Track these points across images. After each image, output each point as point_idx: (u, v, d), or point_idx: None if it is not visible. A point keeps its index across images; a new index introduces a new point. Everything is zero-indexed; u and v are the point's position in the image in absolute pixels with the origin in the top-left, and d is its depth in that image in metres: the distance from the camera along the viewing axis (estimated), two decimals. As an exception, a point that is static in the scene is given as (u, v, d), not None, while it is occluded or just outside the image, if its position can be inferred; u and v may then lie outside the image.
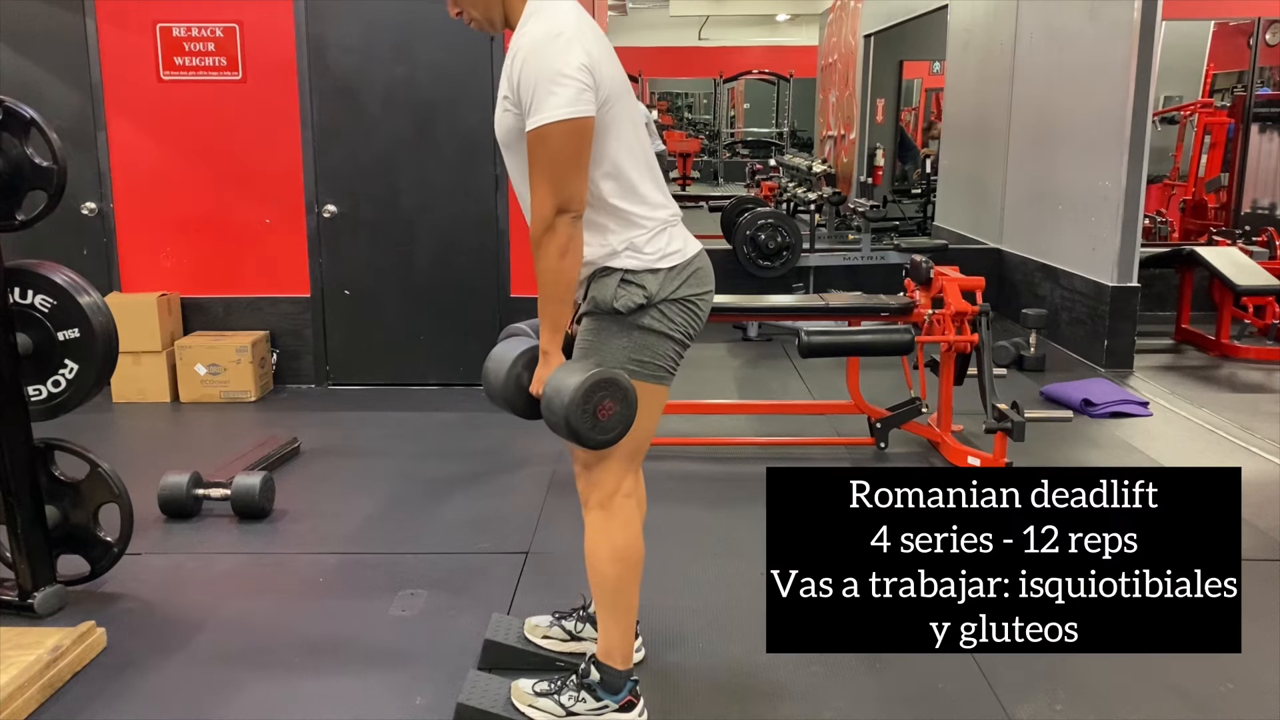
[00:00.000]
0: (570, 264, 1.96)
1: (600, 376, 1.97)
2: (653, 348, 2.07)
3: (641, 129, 2.12)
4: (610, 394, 1.97)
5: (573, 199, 1.93)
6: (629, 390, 1.99)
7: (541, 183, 1.92)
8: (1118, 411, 4.65)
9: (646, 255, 2.04)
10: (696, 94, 20.45)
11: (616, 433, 2.01)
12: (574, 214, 1.94)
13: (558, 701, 2.22)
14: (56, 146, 2.59)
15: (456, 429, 4.46)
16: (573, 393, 1.95)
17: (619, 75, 2.03)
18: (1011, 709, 2.33)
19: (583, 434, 1.98)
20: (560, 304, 2.00)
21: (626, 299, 2.03)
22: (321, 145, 4.89)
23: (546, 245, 1.94)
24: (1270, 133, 8.08)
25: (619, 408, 1.98)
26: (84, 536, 2.82)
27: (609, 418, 1.98)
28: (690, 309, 2.09)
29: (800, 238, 6.42)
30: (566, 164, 1.91)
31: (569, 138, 1.90)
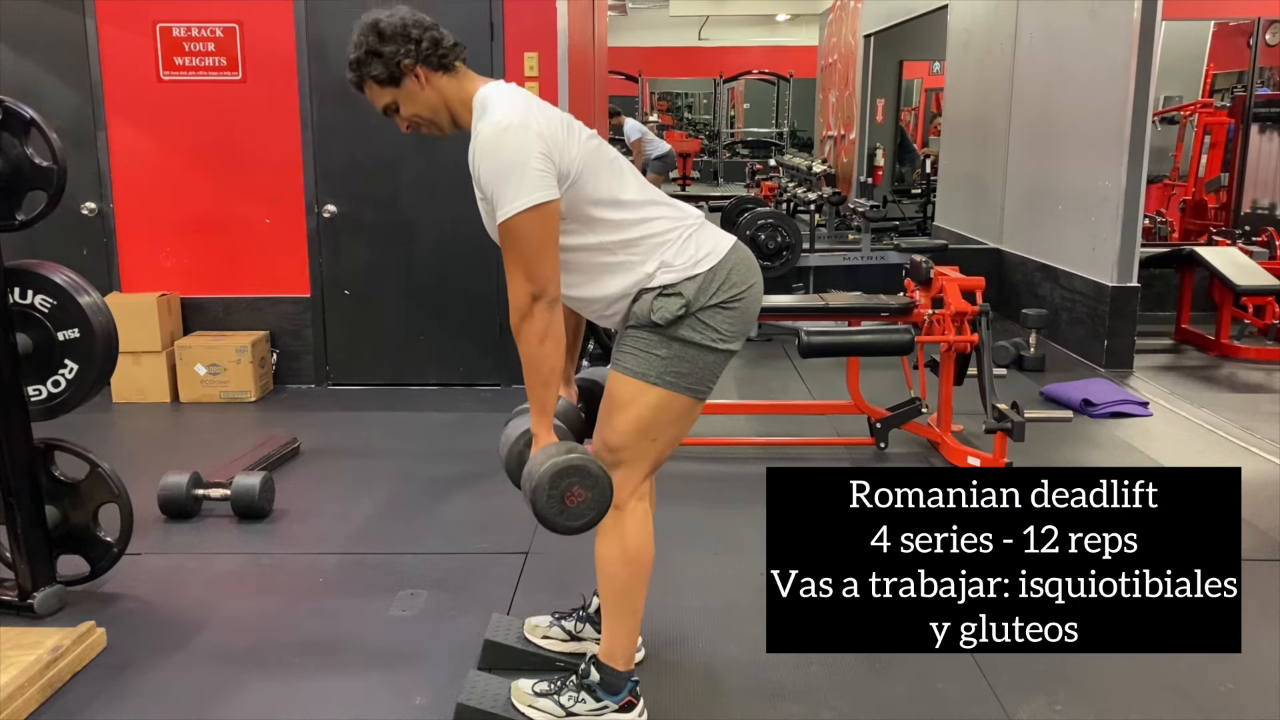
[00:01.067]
0: (551, 349, 1.99)
1: (569, 464, 1.96)
2: (692, 361, 2.07)
3: (622, 163, 2.13)
4: (580, 481, 1.97)
5: (547, 284, 1.96)
6: (600, 478, 1.99)
7: (515, 272, 1.96)
8: (1118, 411, 4.65)
9: (680, 266, 2.05)
10: (696, 94, 20.43)
11: (587, 519, 2.00)
12: (549, 299, 1.97)
13: (557, 702, 2.21)
14: (56, 146, 2.59)
15: (456, 429, 4.46)
16: (539, 478, 1.96)
17: (580, 136, 2.04)
18: (1011, 709, 2.33)
19: (550, 520, 1.98)
20: (545, 388, 2.02)
21: (663, 310, 2.03)
22: (321, 145, 4.89)
23: (526, 332, 1.97)
24: (1270, 133, 8.07)
25: (590, 495, 1.98)
26: (84, 536, 2.82)
27: (578, 504, 1.98)
28: (733, 310, 2.08)
29: (800, 238, 6.42)
30: (535, 250, 1.94)
31: (534, 225, 1.93)
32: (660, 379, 2.06)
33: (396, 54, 2.02)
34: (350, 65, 2.09)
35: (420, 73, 2.05)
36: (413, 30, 2.03)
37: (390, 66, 2.03)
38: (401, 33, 2.03)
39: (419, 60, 2.04)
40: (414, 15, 2.06)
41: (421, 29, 2.04)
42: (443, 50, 2.05)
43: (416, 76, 2.05)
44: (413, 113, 2.10)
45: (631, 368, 2.08)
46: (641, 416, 2.09)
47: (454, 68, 2.08)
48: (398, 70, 2.04)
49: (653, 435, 2.12)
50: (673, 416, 2.12)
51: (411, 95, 2.07)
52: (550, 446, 2.02)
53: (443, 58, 2.06)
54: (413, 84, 2.06)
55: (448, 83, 2.08)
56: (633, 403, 2.09)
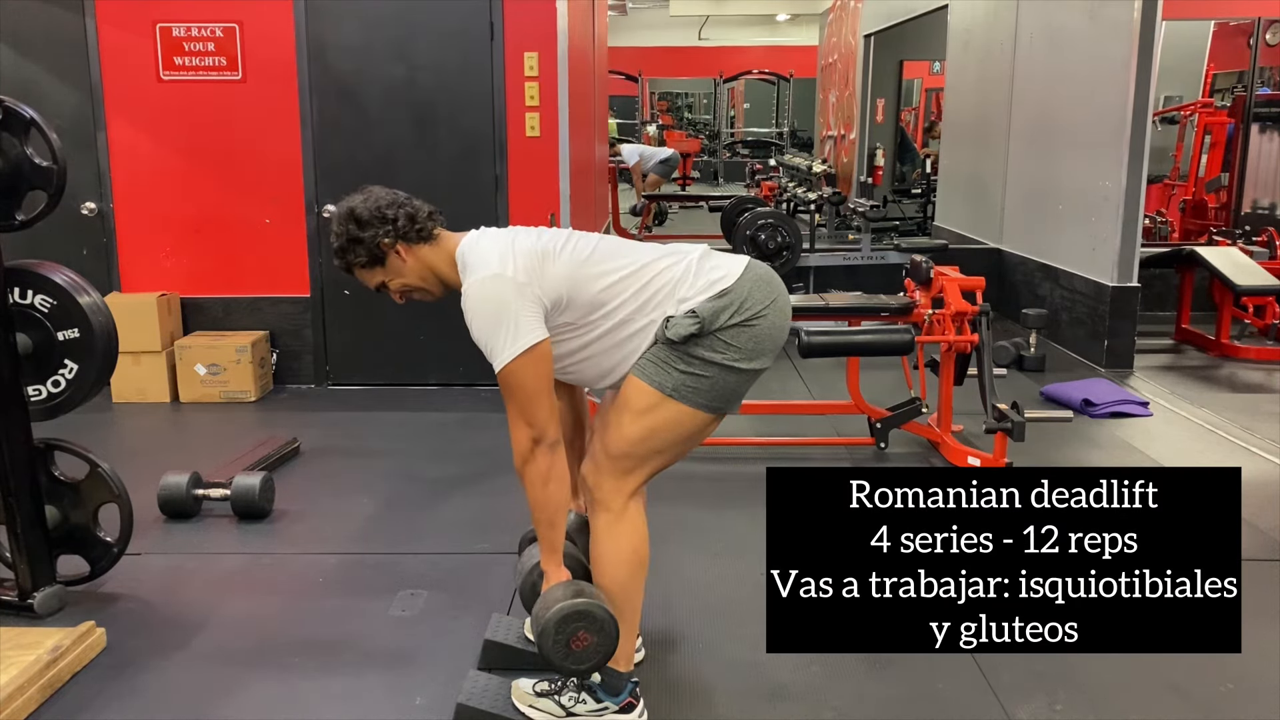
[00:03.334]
0: (555, 490, 2.04)
1: (573, 609, 1.98)
2: (712, 378, 2.07)
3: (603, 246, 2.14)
4: (586, 626, 1.99)
5: (546, 427, 2.01)
6: (607, 622, 2.02)
7: (515, 418, 2.02)
8: (1118, 411, 4.65)
9: (693, 297, 2.07)
10: (696, 94, 20.45)
11: (593, 663, 2.03)
12: (549, 443, 2.02)
13: (558, 702, 2.22)
14: (56, 146, 2.59)
15: (456, 429, 4.46)
16: (545, 623, 1.99)
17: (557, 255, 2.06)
18: (1011, 709, 2.33)
19: (555, 663, 2.02)
20: (551, 529, 2.07)
21: (677, 328, 2.04)
22: (321, 145, 4.88)
23: (530, 475, 2.03)
24: (1270, 133, 8.07)
25: (595, 639, 2.01)
26: (84, 536, 2.82)
27: (584, 648, 2.01)
28: (754, 328, 2.07)
29: (800, 238, 6.42)
30: (531, 395, 2.00)
31: (528, 368, 1.98)
32: (677, 391, 2.06)
33: (376, 236, 2.10)
34: (335, 254, 2.17)
35: (401, 249, 2.12)
36: (388, 211, 2.10)
37: (372, 249, 2.11)
38: (378, 216, 2.10)
39: (398, 238, 2.11)
40: (387, 195, 2.13)
41: (396, 208, 2.11)
42: (419, 224, 2.12)
43: (398, 253, 2.12)
44: (402, 285, 2.17)
45: (650, 376, 2.08)
46: (652, 428, 2.09)
47: (433, 236, 2.14)
48: (379, 251, 2.11)
49: (659, 449, 2.12)
50: (685, 433, 2.12)
51: (397, 270, 2.14)
52: (558, 588, 2.05)
53: (419, 231, 2.12)
54: (396, 260, 2.13)
55: (429, 251, 2.14)
56: (646, 413, 2.08)
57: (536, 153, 4.88)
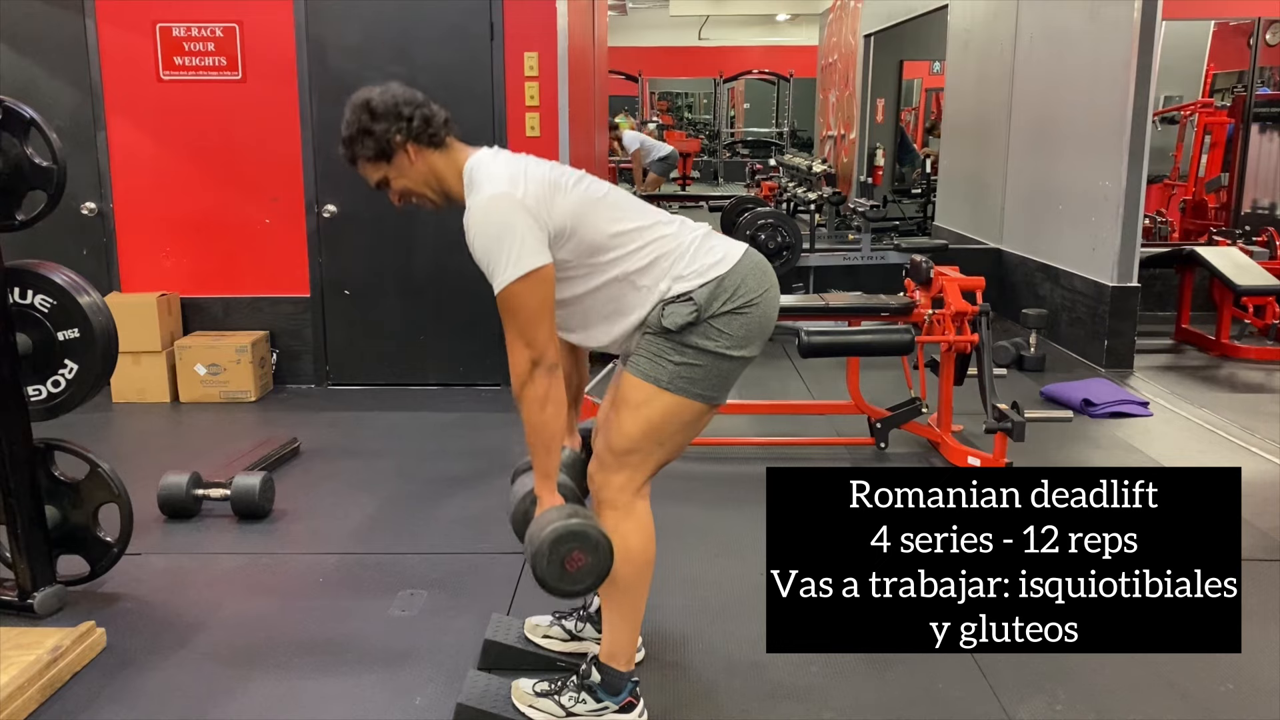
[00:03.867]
0: (552, 414, 2.01)
1: (570, 529, 1.97)
2: (705, 367, 2.07)
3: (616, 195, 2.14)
4: (580, 546, 1.98)
5: (545, 349, 1.99)
6: (601, 543, 2.01)
7: (514, 339, 1.99)
8: (1118, 411, 4.65)
9: (691, 275, 2.06)
10: (696, 94, 20.44)
11: (587, 584, 2.02)
12: (548, 364, 1.99)
13: (558, 702, 2.22)
14: (56, 146, 2.59)
15: (456, 429, 4.46)
16: (539, 543, 1.98)
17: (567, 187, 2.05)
18: (1011, 709, 2.33)
19: (550, 584, 2.00)
20: (548, 454, 2.04)
21: (674, 316, 2.04)
22: (321, 145, 4.88)
23: (527, 398, 2.00)
24: (1270, 133, 8.08)
25: (589, 560, 1.99)
26: (84, 536, 2.82)
27: (578, 570, 1.99)
28: (746, 316, 2.08)
29: (800, 238, 6.42)
30: (531, 317, 1.98)
31: (528, 292, 1.97)
32: (672, 384, 2.06)
33: (388, 132, 2.07)
34: (343, 143, 2.13)
35: (411, 149, 2.08)
36: (404, 108, 2.07)
37: (381, 144, 2.07)
38: (393, 111, 2.07)
39: (410, 137, 2.07)
40: (406, 93, 2.10)
41: (413, 107, 2.08)
42: (433, 128, 2.09)
43: (407, 153, 2.08)
44: (403, 186, 2.14)
45: (645, 370, 2.08)
46: (651, 421, 2.09)
47: (445, 143, 2.11)
48: (389, 147, 2.08)
49: (661, 440, 2.12)
50: (683, 423, 2.12)
51: (402, 170, 2.11)
52: (553, 510, 2.04)
53: (433, 135, 2.09)
54: (403, 160, 2.09)
55: (438, 158, 2.11)
56: (644, 406, 2.09)
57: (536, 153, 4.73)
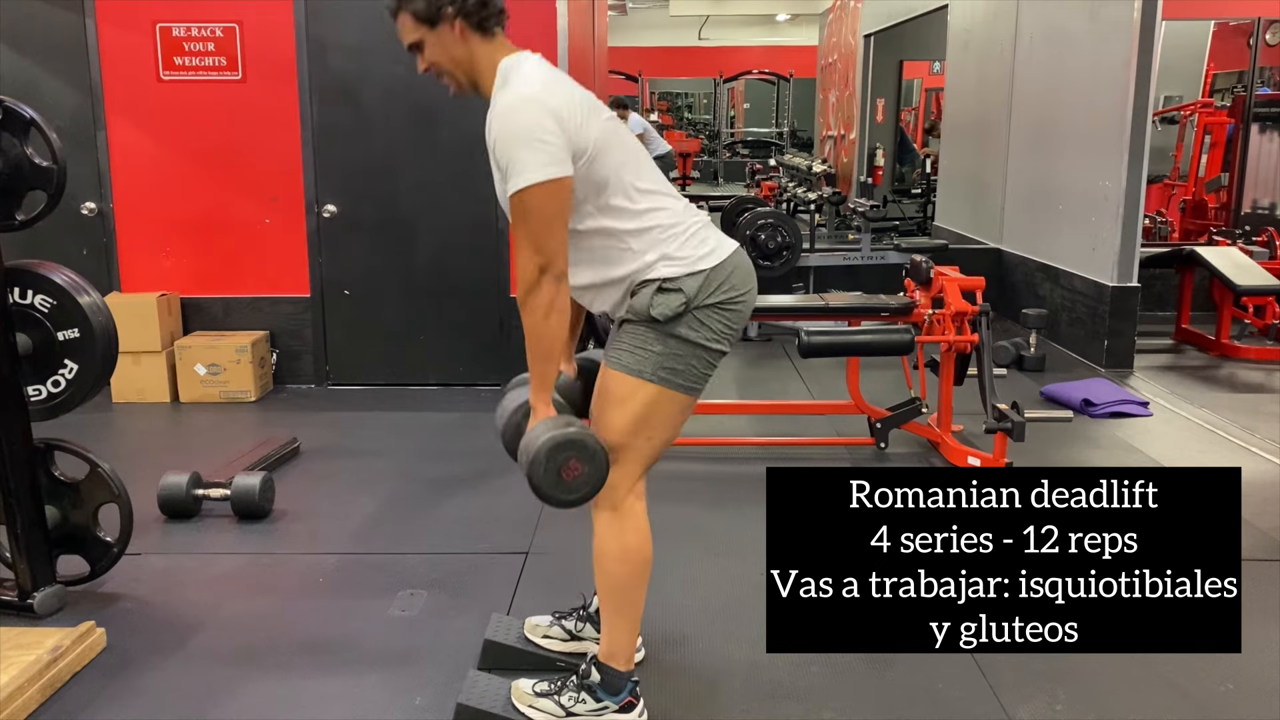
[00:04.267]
0: (556, 323, 1.99)
1: (567, 437, 1.97)
2: (685, 357, 2.07)
3: (639, 149, 2.13)
4: (577, 454, 1.97)
5: (554, 258, 1.96)
6: (597, 452, 2.00)
7: (523, 244, 1.96)
8: (1118, 411, 4.65)
9: (682, 260, 2.05)
10: (696, 94, 20.45)
11: (583, 494, 2.01)
12: (556, 273, 1.97)
13: (558, 702, 2.22)
14: (56, 146, 2.59)
15: (456, 429, 4.46)
16: (536, 451, 1.96)
17: (599, 117, 2.04)
18: (1011, 709, 2.33)
19: (545, 492, 1.99)
20: (547, 362, 2.02)
21: (663, 306, 2.04)
22: (321, 145, 4.88)
23: (531, 305, 1.98)
24: (1270, 133, 8.08)
25: (586, 469, 1.98)
26: (84, 536, 2.82)
27: (575, 478, 1.98)
28: (729, 312, 2.09)
29: (800, 238, 6.42)
30: (544, 225, 1.95)
31: (545, 200, 1.93)
32: (655, 375, 2.06)
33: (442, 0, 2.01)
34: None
35: (458, 25, 2.02)
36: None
37: (432, 7, 2.01)
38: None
39: (461, 13, 2.02)
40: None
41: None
42: (487, 13, 2.03)
43: (453, 27, 2.03)
44: (436, 59, 2.08)
45: (627, 364, 2.08)
46: (636, 413, 2.09)
47: (492, 33, 2.06)
48: (437, 14, 2.02)
49: (648, 433, 2.12)
50: (667, 414, 2.12)
51: (442, 42, 2.05)
52: (548, 420, 2.02)
53: (484, 20, 2.03)
54: (446, 32, 2.03)
55: (480, 45, 2.05)
56: (629, 399, 2.09)
57: None
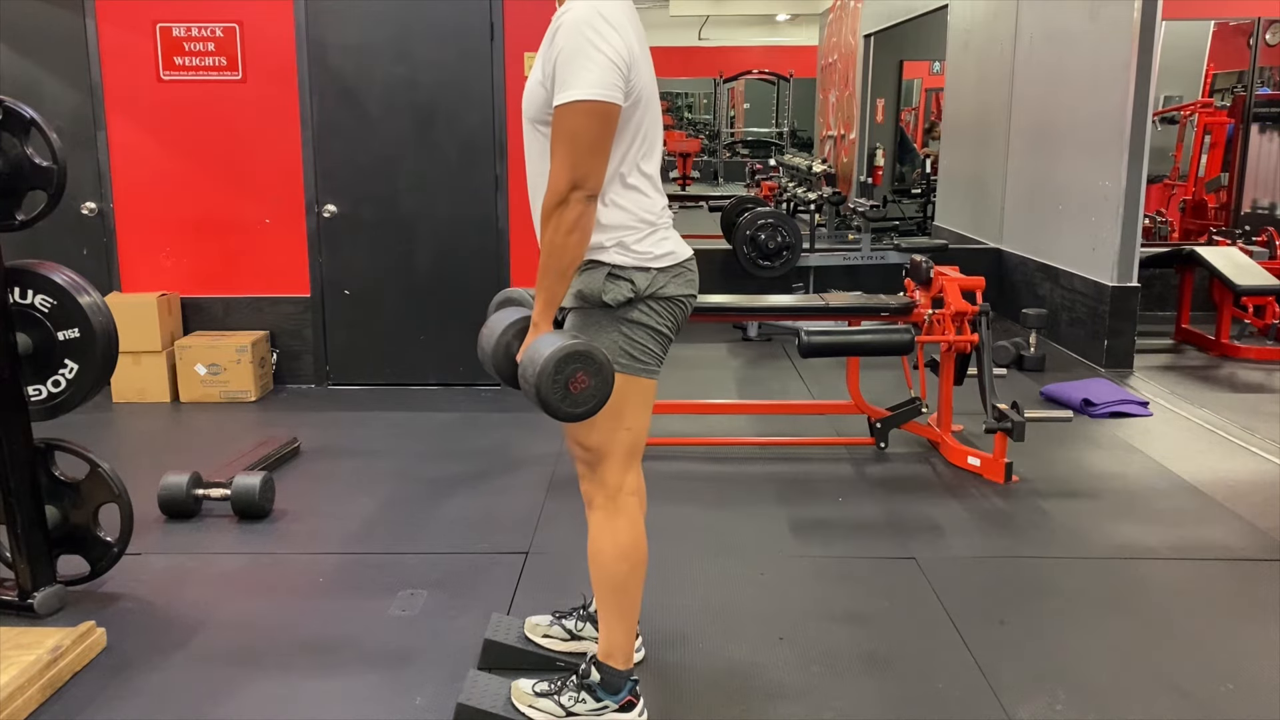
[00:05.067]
0: (576, 241, 1.96)
1: (575, 348, 1.94)
2: (642, 341, 2.08)
3: (659, 134, 2.13)
4: (584, 366, 1.95)
5: (589, 178, 1.93)
6: (604, 364, 1.97)
7: (562, 158, 1.93)
8: (1118, 411, 4.65)
9: (634, 254, 2.05)
10: (696, 94, 20.47)
11: (589, 407, 1.98)
12: (588, 193, 1.94)
13: (558, 702, 2.22)
14: (56, 146, 2.59)
15: (456, 429, 4.46)
16: (544, 362, 1.93)
17: (650, 78, 2.04)
18: (1011, 709, 2.33)
19: (553, 405, 1.95)
20: (561, 278, 1.99)
21: (615, 293, 2.03)
22: (321, 145, 4.89)
23: (558, 219, 1.94)
24: (1270, 133, 8.08)
25: (593, 382, 1.96)
26: (84, 536, 2.82)
27: (581, 391, 1.95)
28: (677, 307, 2.11)
29: (800, 238, 6.43)
30: (589, 144, 1.92)
31: (593, 118, 1.91)
32: (615, 362, 2.05)
33: None
34: None
35: None
36: None
37: None
38: None
39: None
40: None
41: None
42: None
43: None
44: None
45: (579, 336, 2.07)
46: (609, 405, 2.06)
47: None
48: None
49: (625, 424, 2.12)
50: (635, 400, 2.11)
51: None
52: (551, 334, 2.01)
53: None
54: None
55: None
56: None
57: None
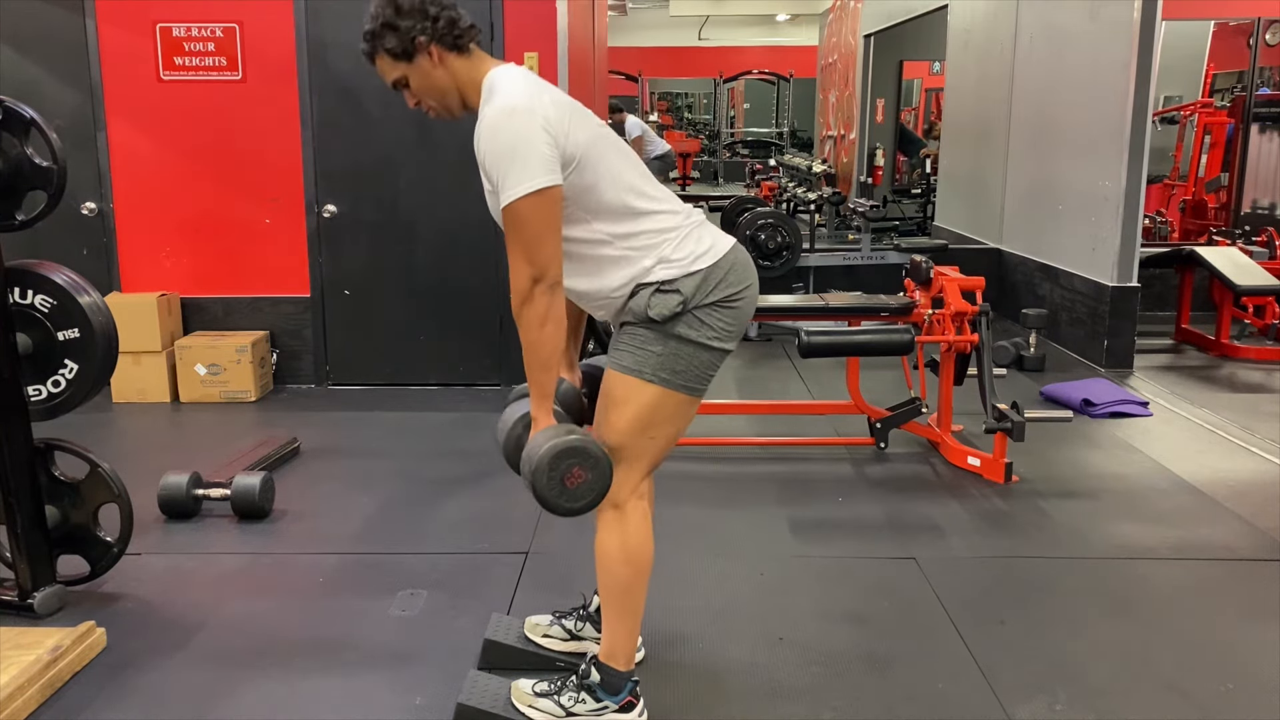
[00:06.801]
0: (551, 332, 1.99)
1: (568, 445, 1.96)
2: (687, 358, 2.07)
3: (631, 155, 2.13)
4: (579, 461, 1.97)
5: (548, 267, 1.96)
6: (600, 459, 1.99)
7: (516, 255, 1.96)
8: (1118, 411, 4.65)
9: (679, 262, 2.05)
10: (696, 94, 20.46)
11: (587, 501, 2.00)
12: (550, 282, 1.97)
13: (557, 702, 2.21)
14: (56, 146, 2.59)
15: (456, 429, 4.46)
16: (539, 459, 1.96)
17: (587, 123, 2.04)
18: (1011, 709, 2.33)
19: (550, 501, 1.98)
20: (545, 371, 2.02)
21: (661, 306, 2.03)
22: (321, 145, 4.88)
23: (527, 316, 1.97)
24: (1270, 133, 8.08)
25: (589, 475, 1.98)
26: (84, 536, 2.82)
27: (578, 485, 1.97)
28: (729, 309, 2.08)
29: (800, 238, 6.42)
30: (537, 235, 1.94)
31: (535, 208, 1.93)
32: (656, 375, 2.06)
33: (412, 29, 2.01)
34: (365, 36, 2.07)
35: (434, 51, 2.04)
36: (430, 8, 2.02)
37: (405, 41, 2.02)
38: (419, 8, 2.02)
39: (434, 38, 2.03)
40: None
41: (439, 7, 2.03)
42: (458, 30, 2.05)
43: (430, 54, 2.04)
44: (422, 90, 2.09)
45: (628, 365, 2.08)
46: (639, 414, 2.09)
47: (468, 49, 2.07)
48: (412, 46, 2.03)
49: (650, 433, 2.12)
50: (669, 414, 2.12)
51: (423, 72, 2.06)
52: (550, 428, 2.02)
53: (458, 38, 2.05)
54: (425, 61, 2.05)
55: (460, 63, 2.07)
56: (629, 400, 2.09)
57: None
